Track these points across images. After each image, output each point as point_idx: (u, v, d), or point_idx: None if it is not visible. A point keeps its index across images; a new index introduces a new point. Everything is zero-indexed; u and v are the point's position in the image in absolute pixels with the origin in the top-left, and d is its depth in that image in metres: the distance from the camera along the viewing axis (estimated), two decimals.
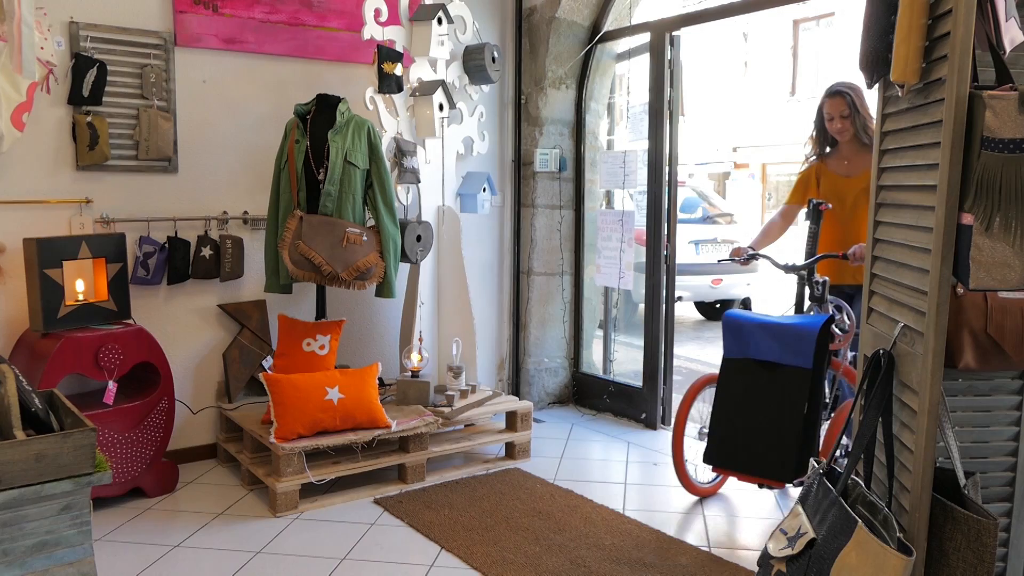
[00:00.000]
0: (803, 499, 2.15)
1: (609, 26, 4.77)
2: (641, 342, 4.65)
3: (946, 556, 1.87)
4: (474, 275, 4.54)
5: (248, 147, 3.98)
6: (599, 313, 5.24)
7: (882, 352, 2.04)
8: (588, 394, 5.01)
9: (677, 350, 4.73)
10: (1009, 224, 1.71)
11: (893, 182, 2.10)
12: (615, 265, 4.59)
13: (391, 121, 3.95)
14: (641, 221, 4.61)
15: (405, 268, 4.13)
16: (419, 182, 4.03)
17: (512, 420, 4.06)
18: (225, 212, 3.93)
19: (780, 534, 2.12)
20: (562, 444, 4.32)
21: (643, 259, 4.60)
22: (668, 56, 4.41)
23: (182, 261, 3.77)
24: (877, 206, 2.20)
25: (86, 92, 3.48)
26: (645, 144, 4.52)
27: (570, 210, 5.01)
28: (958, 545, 1.85)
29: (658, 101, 4.43)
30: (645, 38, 4.54)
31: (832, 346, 3.19)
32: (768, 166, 21.92)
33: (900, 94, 1.99)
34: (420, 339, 4.07)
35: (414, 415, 3.75)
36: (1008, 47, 1.80)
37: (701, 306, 9.59)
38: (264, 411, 3.70)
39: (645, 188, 4.54)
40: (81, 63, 3.47)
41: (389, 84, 3.81)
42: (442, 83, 3.99)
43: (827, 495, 2.05)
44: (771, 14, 17.31)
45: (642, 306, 4.72)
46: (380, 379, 3.87)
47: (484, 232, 4.83)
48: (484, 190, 4.36)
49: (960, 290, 1.95)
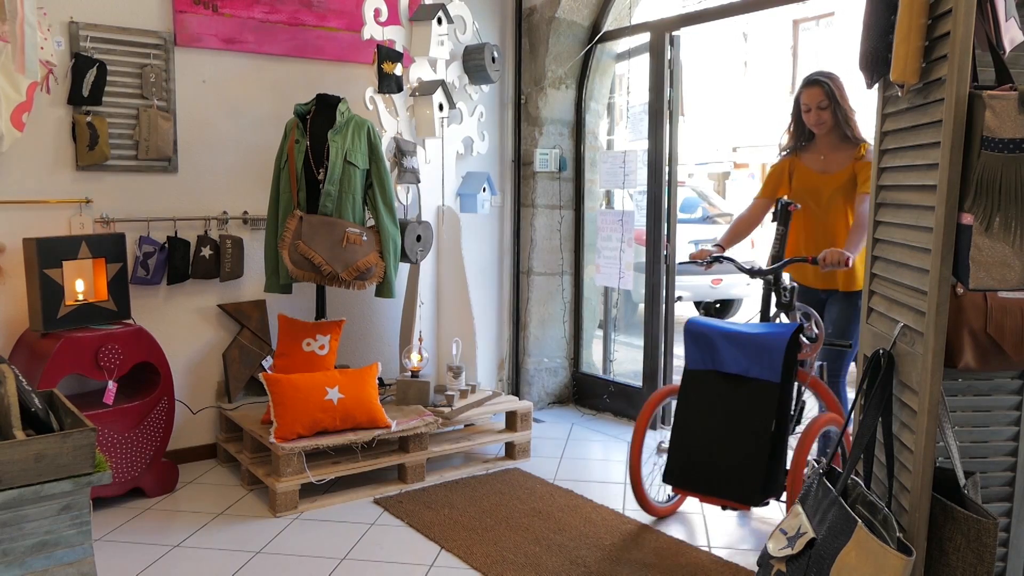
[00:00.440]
0: (803, 499, 2.15)
1: (609, 26, 4.77)
2: (641, 342, 4.65)
3: (946, 556, 1.87)
4: (474, 275, 4.54)
5: (248, 147, 3.98)
6: (599, 313, 5.24)
7: (882, 352, 2.04)
8: (588, 394, 5.01)
9: (677, 350, 4.74)
10: (1009, 224, 1.71)
11: (893, 182, 2.10)
12: (615, 265, 4.59)
13: (391, 121, 3.95)
14: (641, 221, 4.61)
15: (405, 268, 4.13)
16: (419, 182, 4.03)
17: (512, 420, 4.06)
18: (225, 212, 3.93)
19: (780, 534, 2.12)
20: (562, 444, 4.32)
21: (643, 259, 4.60)
22: (668, 56, 4.41)
23: (182, 261, 3.77)
24: (877, 206, 2.20)
25: (86, 92, 3.48)
26: (645, 144, 4.52)
27: (570, 210, 5.01)
28: (958, 545, 1.85)
29: (658, 101, 4.43)
30: (645, 38, 4.54)
31: (801, 355, 3.01)
32: (768, 166, 21.87)
33: (900, 94, 1.99)
34: (420, 339, 4.07)
35: (414, 415, 3.75)
36: (1008, 47, 1.80)
37: (701, 306, 9.60)
38: (264, 411, 3.70)
39: (645, 188, 4.55)
40: (81, 63, 3.47)
41: (389, 84, 3.81)
42: (442, 83, 3.99)
43: (827, 495, 2.05)
44: (771, 14, 17.30)
45: (642, 306, 4.72)
46: (380, 379, 3.87)
47: (484, 232, 4.83)
48: (484, 190, 4.36)
49: (960, 290, 1.95)
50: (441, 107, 3.99)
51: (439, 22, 4.00)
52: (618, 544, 3.07)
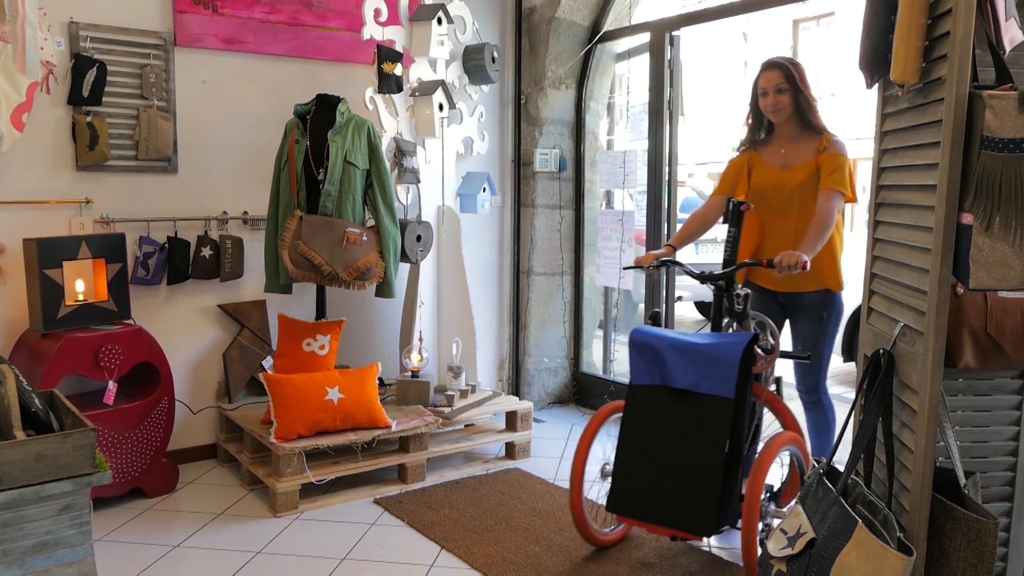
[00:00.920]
0: (803, 499, 2.15)
1: (609, 26, 4.77)
2: None
3: (946, 556, 1.87)
4: (474, 275, 4.54)
5: (248, 147, 3.98)
6: (599, 313, 5.24)
7: (882, 352, 2.04)
8: (588, 394, 5.01)
9: None
10: (1009, 224, 1.71)
11: (893, 182, 2.10)
12: (615, 265, 4.59)
13: (391, 121, 3.95)
14: (641, 221, 4.61)
15: (405, 268, 4.13)
16: (419, 182, 4.03)
17: (512, 420, 4.06)
18: (225, 212, 3.93)
19: (780, 534, 2.12)
20: (562, 444, 4.32)
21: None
22: (668, 56, 4.41)
23: (182, 261, 3.77)
24: (877, 206, 2.20)
25: (86, 92, 3.48)
26: (645, 144, 4.52)
27: (570, 210, 5.01)
28: (958, 545, 1.85)
29: (658, 101, 4.43)
30: (645, 38, 4.54)
31: (755, 368, 2.72)
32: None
33: (900, 94, 1.99)
34: (420, 339, 4.07)
35: (414, 415, 3.75)
36: (1008, 47, 1.80)
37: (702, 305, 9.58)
38: (264, 411, 3.70)
39: (645, 188, 4.54)
40: (81, 63, 3.47)
41: (389, 84, 3.81)
42: (442, 83, 3.99)
43: (827, 495, 2.05)
44: (771, 14, 17.30)
45: (642, 306, 4.72)
46: (380, 379, 3.87)
47: (484, 232, 4.83)
48: (484, 190, 4.36)
49: (960, 290, 1.95)
50: (441, 107, 3.99)
51: (439, 22, 4.00)
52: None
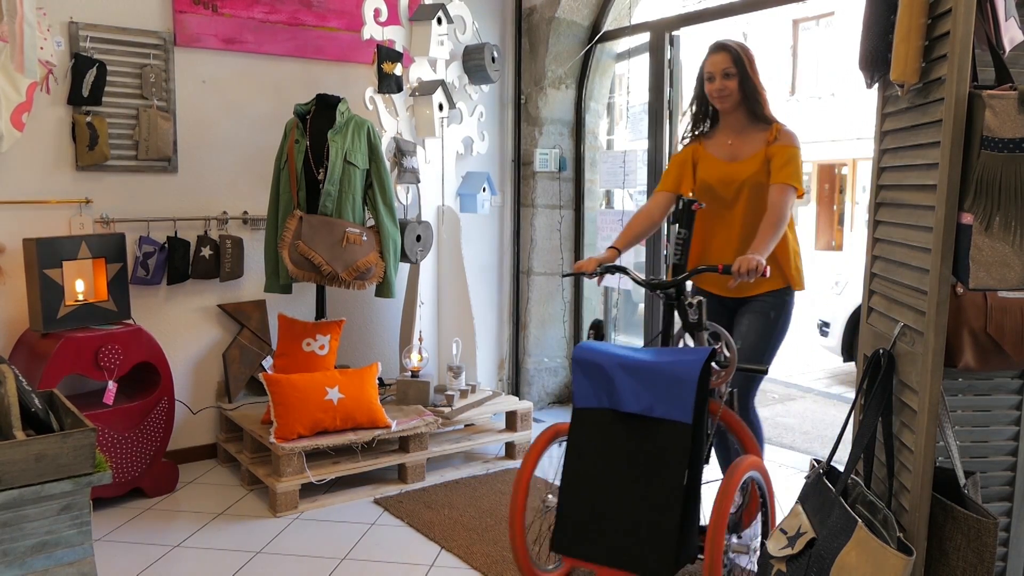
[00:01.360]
0: (803, 499, 2.15)
1: (609, 26, 4.77)
2: (641, 342, 4.65)
3: (946, 556, 1.87)
4: (474, 275, 4.54)
5: (248, 147, 3.98)
6: (599, 313, 5.24)
7: (882, 352, 2.04)
8: None
9: None
10: (1009, 224, 1.71)
11: (893, 182, 2.10)
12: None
13: (391, 121, 3.95)
14: None
15: (405, 268, 4.13)
16: (419, 182, 4.03)
17: (512, 420, 4.06)
18: (225, 212, 3.93)
19: (780, 534, 2.12)
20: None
21: (643, 259, 4.59)
22: (668, 56, 4.41)
23: (182, 261, 3.77)
24: (877, 206, 2.20)
25: (86, 92, 3.48)
26: (645, 144, 4.52)
27: (570, 210, 5.01)
28: (958, 545, 1.85)
29: (658, 101, 4.43)
30: (645, 38, 4.54)
31: (710, 384, 2.45)
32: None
33: (900, 93, 1.99)
34: (420, 339, 4.07)
35: (414, 415, 3.75)
36: (1008, 46, 1.80)
37: None
38: (264, 411, 3.70)
39: (645, 188, 4.54)
40: (81, 63, 3.47)
41: (389, 84, 3.81)
42: (442, 83, 3.99)
43: (827, 495, 2.05)
44: (771, 14, 17.30)
45: (642, 306, 4.72)
46: (380, 379, 3.87)
47: (484, 232, 4.83)
48: (484, 190, 4.36)
49: (960, 290, 1.95)
50: (441, 107, 3.99)
51: (439, 22, 4.00)
52: None
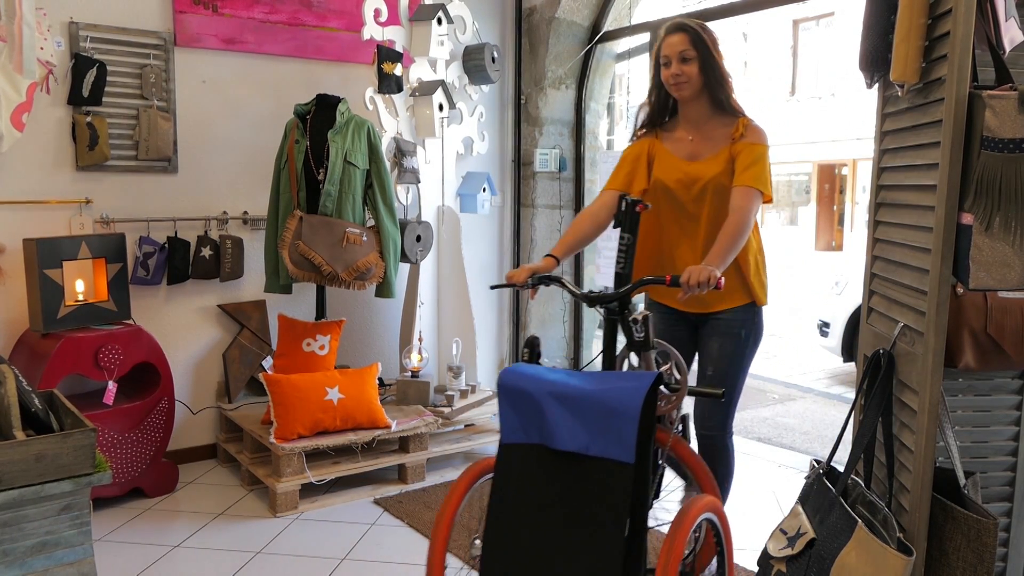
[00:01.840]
0: (803, 499, 2.15)
1: (609, 26, 4.77)
2: None
3: (946, 556, 1.87)
4: (474, 275, 4.54)
5: (248, 147, 3.98)
6: (599, 313, 5.23)
7: (882, 352, 2.04)
8: None
9: None
10: (1009, 224, 1.71)
11: (893, 182, 2.10)
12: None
13: (391, 121, 3.95)
14: None
15: (405, 268, 4.13)
16: (419, 182, 4.03)
17: None
18: (225, 212, 3.93)
19: (780, 534, 2.12)
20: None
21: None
22: None
23: (182, 261, 3.77)
24: (877, 206, 2.20)
25: (86, 92, 3.48)
26: None
27: (570, 210, 5.01)
28: (958, 545, 1.85)
29: None
30: (645, 38, 4.54)
31: (657, 411, 2.07)
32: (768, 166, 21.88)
33: (900, 94, 1.99)
34: (420, 339, 4.07)
35: (414, 415, 3.75)
36: (1008, 47, 1.80)
37: None
38: (264, 411, 3.70)
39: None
40: (81, 63, 3.47)
41: (389, 84, 3.81)
42: (442, 83, 3.99)
43: (827, 495, 2.05)
44: (771, 14, 17.30)
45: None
46: (380, 379, 3.87)
47: (484, 232, 4.83)
48: (484, 190, 4.36)
49: (960, 290, 1.95)
50: (441, 107, 3.99)
51: (439, 22, 4.00)
52: None
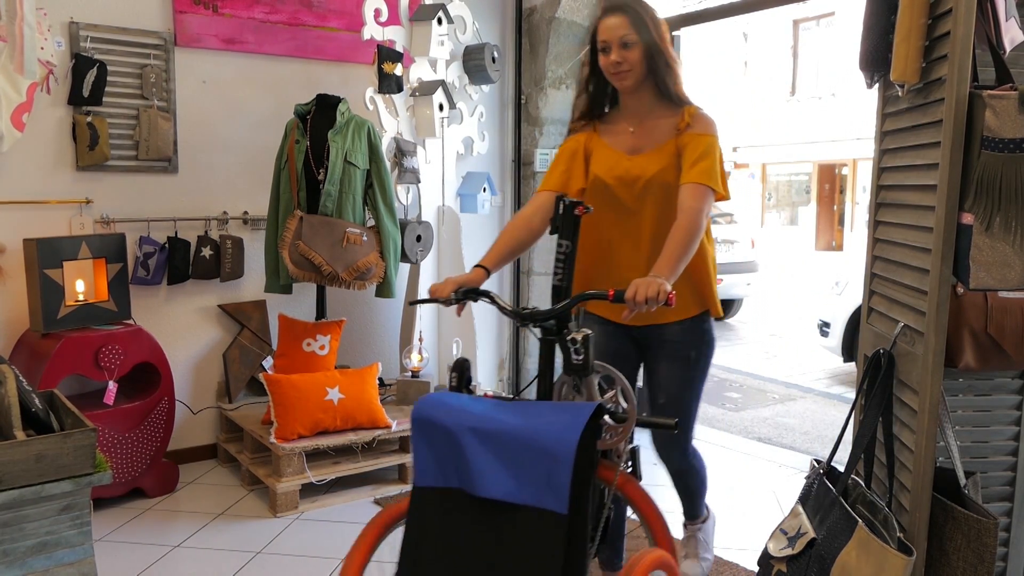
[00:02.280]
0: (803, 499, 2.16)
1: None
2: None
3: (946, 556, 1.87)
4: None
5: (248, 147, 3.98)
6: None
7: (882, 352, 2.04)
8: None
9: None
10: (1009, 224, 1.71)
11: (893, 182, 2.10)
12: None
13: (391, 121, 3.95)
14: None
15: (405, 268, 4.13)
16: (419, 182, 4.03)
17: None
18: (225, 212, 3.93)
19: (780, 534, 2.12)
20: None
21: None
22: None
23: (182, 261, 3.77)
24: (877, 206, 2.20)
25: (86, 92, 3.48)
26: None
27: None
28: (958, 545, 1.85)
29: None
30: None
31: (602, 444, 1.85)
32: (768, 166, 21.95)
33: (900, 94, 1.99)
34: (420, 339, 4.07)
35: None
36: (1008, 47, 1.80)
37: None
38: (264, 411, 3.70)
39: None
40: (81, 63, 3.47)
41: (389, 84, 3.81)
42: (442, 83, 3.99)
43: (827, 495, 2.05)
44: (771, 14, 17.31)
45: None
46: (380, 379, 3.86)
47: (484, 232, 4.82)
48: (484, 190, 4.36)
49: (960, 290, 1.95)
50: (441, 107, 3.99)
51: (439, 22, 4.00)
52: None
